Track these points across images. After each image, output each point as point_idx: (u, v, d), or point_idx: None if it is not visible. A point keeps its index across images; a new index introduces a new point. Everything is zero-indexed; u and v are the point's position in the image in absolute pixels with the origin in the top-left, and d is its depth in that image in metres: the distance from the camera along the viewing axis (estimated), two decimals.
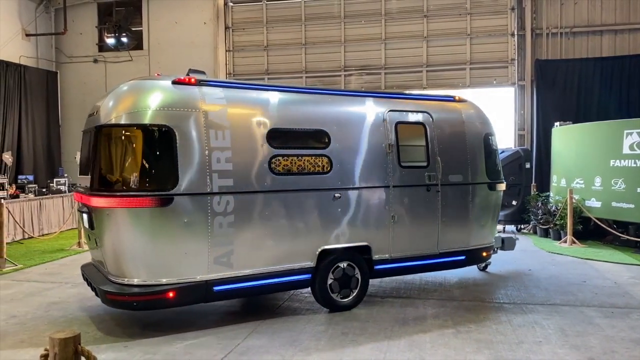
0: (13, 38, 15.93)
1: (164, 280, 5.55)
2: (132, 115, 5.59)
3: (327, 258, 6.44)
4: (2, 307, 6.85)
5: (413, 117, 7.25)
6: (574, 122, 12.78)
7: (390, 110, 7.02)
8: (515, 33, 15.22)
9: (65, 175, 14.94)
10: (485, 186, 7.66)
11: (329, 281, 6.45)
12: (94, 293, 6.02)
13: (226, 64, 16.89)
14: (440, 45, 15.68)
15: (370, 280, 6.88)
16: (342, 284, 6.54)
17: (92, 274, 6.21)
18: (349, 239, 6.59)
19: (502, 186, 8.07)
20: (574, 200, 11.19)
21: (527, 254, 10.24)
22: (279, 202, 6.14)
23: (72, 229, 13.09)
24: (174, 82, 5.86)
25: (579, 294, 7.27)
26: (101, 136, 5.71)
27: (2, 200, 10.28)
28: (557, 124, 13.12)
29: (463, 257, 7.48)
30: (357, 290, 6.65)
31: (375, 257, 6.76)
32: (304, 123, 6.50)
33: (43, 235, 12.62)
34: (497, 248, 8.41)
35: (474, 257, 7.68)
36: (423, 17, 15.72)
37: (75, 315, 6.45)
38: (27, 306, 6.87)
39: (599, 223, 11.04)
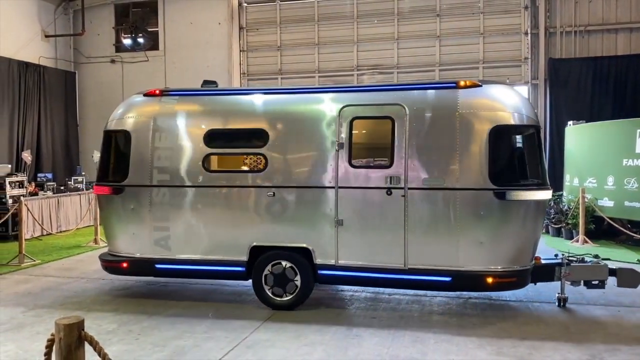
0: (33, 39, 16.31)
1: (120, 253, 7.01)
2: (111, 123, 7.22)
3: (261, 255, 6.54)
4: (21, 300, 7.09)
5: (377, 111, 6.50)
6: (587, 121, 12.69)
7: (346, 106, 6.42)
8: (529, 32, 15.14)
9: (83, 173, 15.26)
10: (486, 193, 5.96)
11: (264, 278, 6.51)
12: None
13: (240, 64, 17.08)
14: (453, 45, 15.64)
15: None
16: (279, 282, 6.47)
17: None
18: (285, 239, 6.50)
19: (527, 194, 6.06)
20: (586, 200, 11.14)
21: (539, 254, 10.17)
22: (211, 197, 6.77)
23: (88, 226, 13.34)
24: (144, 95, 7.17)
25: (586, 293, 7.24)
26: (103, 138, 7.34)
27: (22, 198, 10.58)
28: (570, 123, 13.05)
29: (448, 279, 6.02)
30: (296, 292, 6.44)
31: (318, 261, 6.40)
32: (242, 123, 6.98)
33: (61, 232, 12.93)
34: (599, 281, 6.51)
35: (468, 281, 6.08)
36: (436, 17, 15.72)
37: (89, 309, 6.66)
38: (44, 300, 7.10)
39: (612, 222, 10.98)
